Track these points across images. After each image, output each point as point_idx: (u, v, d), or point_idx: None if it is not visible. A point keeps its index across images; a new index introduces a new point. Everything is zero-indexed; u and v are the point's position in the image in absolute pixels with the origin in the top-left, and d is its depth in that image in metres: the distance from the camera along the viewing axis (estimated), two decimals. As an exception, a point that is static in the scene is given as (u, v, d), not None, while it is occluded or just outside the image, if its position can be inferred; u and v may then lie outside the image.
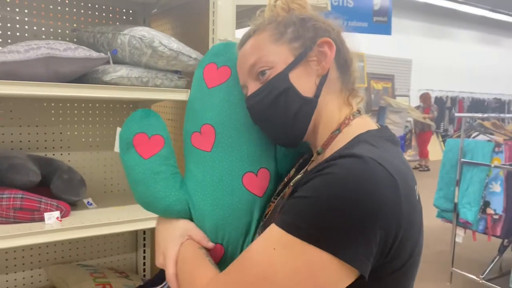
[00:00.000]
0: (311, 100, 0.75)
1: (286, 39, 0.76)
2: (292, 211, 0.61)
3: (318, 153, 0.75)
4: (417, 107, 8.71)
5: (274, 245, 0.60)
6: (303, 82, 0.75)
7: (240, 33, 1.58)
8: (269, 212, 0.81)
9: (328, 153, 0.72)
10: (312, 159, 0.77)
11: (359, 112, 0.77)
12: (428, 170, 8.57)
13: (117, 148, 0.86)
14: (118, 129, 0.87)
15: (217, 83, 0.85)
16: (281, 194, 0.81)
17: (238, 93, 0.85)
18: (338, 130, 0.74)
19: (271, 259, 0.60)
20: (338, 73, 0.78)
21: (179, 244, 0.79)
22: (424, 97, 8.70)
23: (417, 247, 0.67)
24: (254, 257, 0.63)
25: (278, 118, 0.76)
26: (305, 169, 0.79)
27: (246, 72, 0.79)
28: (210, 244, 0.80)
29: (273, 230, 0.62)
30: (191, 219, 0.83)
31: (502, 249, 3.46)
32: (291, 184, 0.77)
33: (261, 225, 0.81)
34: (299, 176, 0.77)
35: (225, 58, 0.87)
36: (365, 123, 0.76)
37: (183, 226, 0.81)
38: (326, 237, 0.57)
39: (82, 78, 1.31)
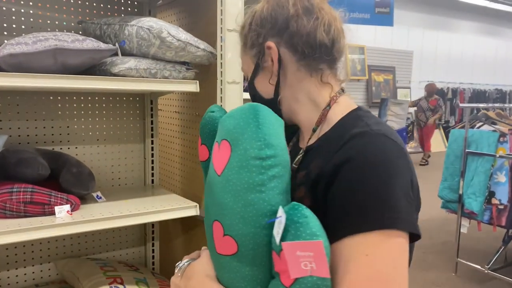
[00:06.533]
0: (272, 100, 0.84)
1: (247, 48, 0.85)
2: (347, 214, 0.64)
3: (314, 130, 0.80)
4: (419, 100, 8.58)
5: (364, 252, 0.62)
6: (264, 86, 0.85)
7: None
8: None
9: (325, 128, 0.79)
10: (309, 137, 0.81)
11: (342, 90, 0.83)
12: (427, 164, 8.48)
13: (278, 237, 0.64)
14: (283, 213, 0.64)
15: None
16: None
17: None
18: (329, 106, 0.80)
19: (371, 267, 0.61)
20: (298, 63, 0.80)
21: None
22: (428, 88, 8.41)
23: (418, 210, 0.74)
24: (353, 283, 0.62)
25: None
26: (305, 147, 0.81)
27: None
28: None
29: (350, 241, 0.63)
30: None
31: (507, 239, 3.46)
32: (294, 164, 0.79)
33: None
34: (299, 157, 0.80)
35: None
36: (350, 101, 0.82)
37: None
38: (387, 217, 0.62)
39: (89, 70, 1.29)
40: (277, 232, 0.63)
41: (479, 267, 3.30)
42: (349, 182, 0.65)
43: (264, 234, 0.66)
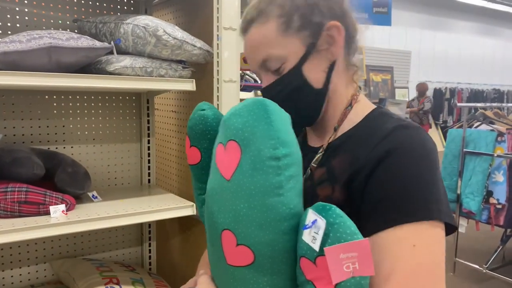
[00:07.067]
0: (322, 91, 0.76)
1: (294, 29, 0.72)
2: (396, 202, 0.63)
3: (335, 129, 0.78)
4: (412, 100, 8.54)
5: (411, 242, 0.61)
6: (315, 74, 0.74)
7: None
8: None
9: (346, 126, 0.76)
10: (330, 135, 0.78)
11: (360, 88, 0.81)
12: None
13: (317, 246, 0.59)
14: (318, 219, 0.59)
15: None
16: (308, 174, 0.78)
17: None
18: (350, 106, 0.78)
19: (419, 258, 0.61)
20: (344, 52, 0.77)
21: None
22: (419, 88, 8.32)
23: None
24: (403, 274, 0.61)
25: (293, 109, 0.72)
26: (325, 145, 0.77)
27: (257, 65, 0.77)
28: None
29: (396, 232, 0.62)
30: None
31: (505, 239, 3.47)
32: (313, 164, 0.77)
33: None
34: (319, 155, 0.77)
35: None
36: (367, 100, 0.82)
37: None
38: (435, 208, 0.63)
39: (85, 69, 1.28)
40: (313, 237, 0.58)
41: (477, 266, 3.30)
42: (396, 169, 0.64)
43: (284, 240, 0.61)
